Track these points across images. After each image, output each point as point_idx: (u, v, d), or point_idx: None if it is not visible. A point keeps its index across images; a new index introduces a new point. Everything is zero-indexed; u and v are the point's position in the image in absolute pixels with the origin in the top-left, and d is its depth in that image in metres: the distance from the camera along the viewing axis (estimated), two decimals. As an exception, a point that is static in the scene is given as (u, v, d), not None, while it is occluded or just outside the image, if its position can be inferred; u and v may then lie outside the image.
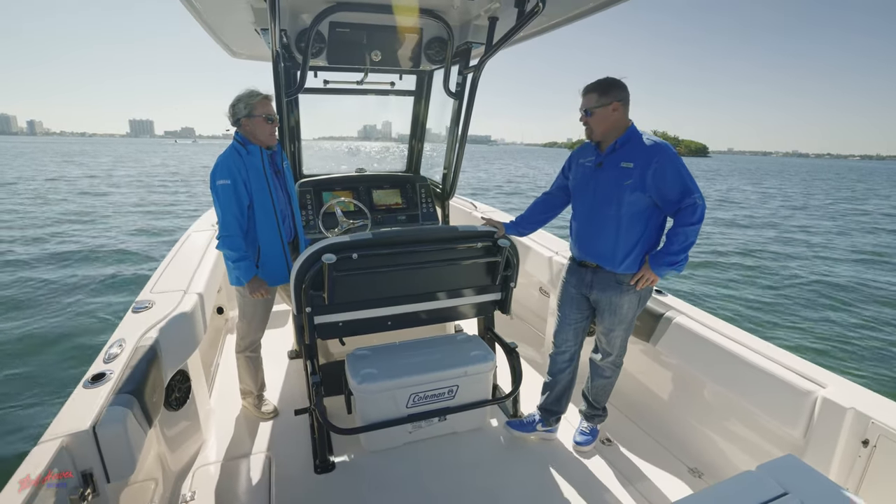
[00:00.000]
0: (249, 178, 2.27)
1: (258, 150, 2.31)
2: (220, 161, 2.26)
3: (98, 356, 1.90)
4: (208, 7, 2.28)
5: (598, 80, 2.06)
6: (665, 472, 2.31)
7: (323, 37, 2.58)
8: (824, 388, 1.85)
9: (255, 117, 2.25)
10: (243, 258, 2.30)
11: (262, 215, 2.33)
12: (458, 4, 2.40)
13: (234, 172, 2.23)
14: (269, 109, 2.29)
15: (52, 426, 1.51)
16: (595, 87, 2.05)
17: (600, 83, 2.04)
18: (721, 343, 2.21)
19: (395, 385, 2.28)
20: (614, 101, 2.02)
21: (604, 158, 2.12)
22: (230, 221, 2.25)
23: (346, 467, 2.30)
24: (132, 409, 1.64)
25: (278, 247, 2.41)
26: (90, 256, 9.45)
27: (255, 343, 2.63)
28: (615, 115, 2.04)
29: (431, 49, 2.82)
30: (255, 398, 2.70)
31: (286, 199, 2.49)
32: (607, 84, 2.03)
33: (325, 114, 3.57)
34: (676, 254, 2.03)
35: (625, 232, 2.10)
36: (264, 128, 2.28)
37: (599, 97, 2.03)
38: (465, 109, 3.02)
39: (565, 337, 2.42)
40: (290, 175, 2.54)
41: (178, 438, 2.27)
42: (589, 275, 2.26)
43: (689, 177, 1.98)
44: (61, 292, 7.18)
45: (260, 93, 2.26)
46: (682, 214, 1.99)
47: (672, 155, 1.98)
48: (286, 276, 2.44)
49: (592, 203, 2.19)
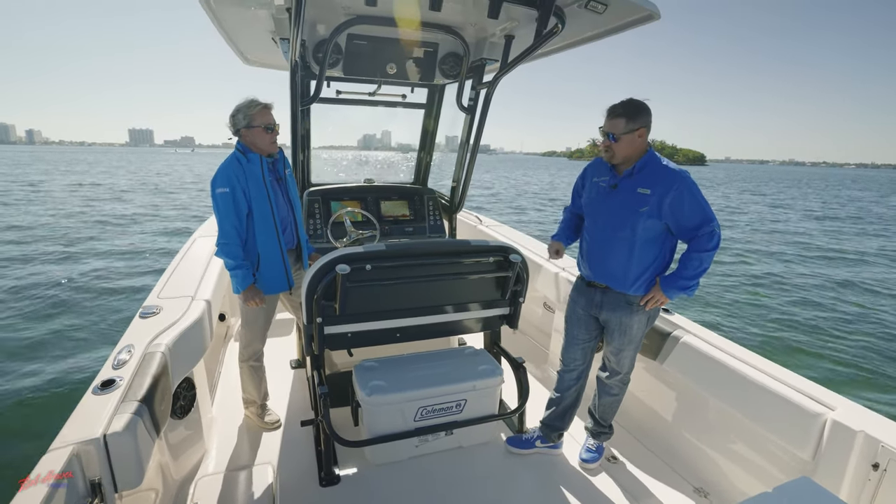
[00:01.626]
0: (249, 186, 2.27)
1: (258, 159, 2.31)
2: (221, 169, 2.26)
3: (106, 362, 1.87)
4: (229, 14, 2.30)
5: (625, 103, 1.98)
6: (671, 491, 2.29)
7: (340, 48, 2.60)
8: (833, 411, 1.85)
9: (255, 127, 2.26)
10: (240, 266, 2.29)
11: (261, 223, 2.33)
12: (475, 22, 2.44)
13: (234, 181, 2.24)
14: (268, 119, 2.28)
15: (62, 433, 1.48)
16: (623, 111, 1.97)
17: (629, 108, 1.97)
18: (729, 363, 2.21)
19: (404, 398, 2.26)
20: (641, 128, 1.97)
21: (619, 181, 2.09)
22: (228, 229, 2.25)
23: (352, 480, 2.26)
24: (142, 417, 1.61)
25: (277, 255, 2.40)
26: (95, 261, 9.41)
27: (259, 352, 2.61)
28: (640, 140, 2.00)
29: (446, 64, 2.86)
30: (259, 408, 2.66)
31: (288, 207, 2.48)
32: (636, 109, 1.96)
33: (333, 124, 3.60)
34: (689, 279, 2.01)
35: (638, 255, 2.07)
36: (263, 137, 2.28)
37: (628, 123, 1.96)
38: (476, 124, 3.06)
39: (573, 356, 2.41)
40: (293, 183, 2.54)
41: (181, 447, 2.23)
42: (598, 295, 2.24)
43: (706, 205, 1.97)
44: (67, 296, 7.14)
45: (259, 102, 2.26)
46: (698, 241, 1.98)
47: (690, 183, 1.96)
48: (285, 284, 2.44)
49: (605, 225, 2.16)
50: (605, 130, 2.04)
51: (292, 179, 2.54)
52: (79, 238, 11.86)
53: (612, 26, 2.14)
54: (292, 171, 2.57)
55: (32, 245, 10.74)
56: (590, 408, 2.52)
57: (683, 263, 2.03)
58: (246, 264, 2.32)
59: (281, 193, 2.43)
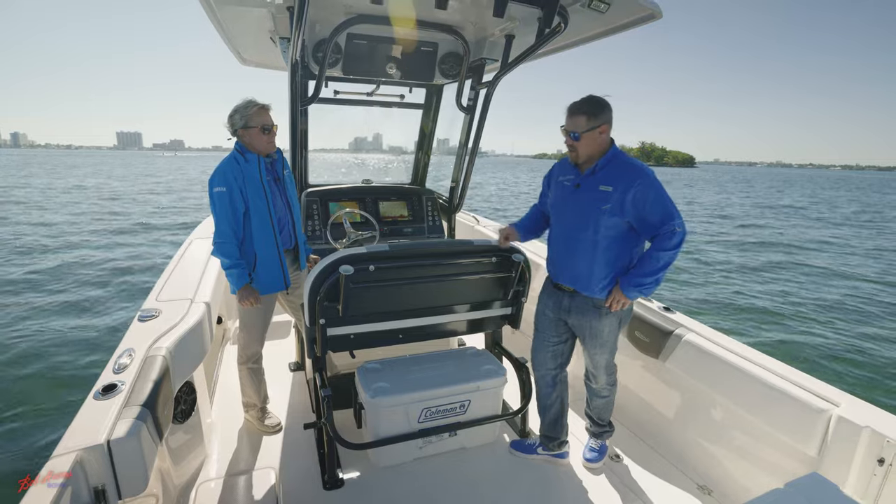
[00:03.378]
0: (246, 186, 2.27)
1: (256, 159, 2.31)
2: (218, 168, 2.27)
3: (107, 366, 1.84)
4: (228, 14, 2.27)
5: (586, 100, 1.96)
6: (675, 489, 2.30)
7: (340, 48, 2.59)
8: (838, 407, 1.86)
9: (252, 128, 2.25)
10: (236, 265, 2.29)
11: (258, 223, 2.32)
12: (475, 21, 2.43)
13: (230, 180, 2.24)
14: (265, 119, 2.27)
15: (65, 439, 1.44)
16: (584, 108, 1.95)
17: (590, 105, 1.95)
18: (731, 360, 2.22)
19: (408, 399, 2.25)
20: (603, 124, 1.95)
21: (582, 180, 2.06)
22: (224, 229, 2.26)
23: (355, 483, 2.24)
24: (145, 422, 1.58)
25: (274, 255, 2.39)
26: (89, 265, 9.26)
27: (257, 354, 2.58)
28: (602, 137, 1.97)
29: (446, 64, 2.85)
30: (259, 411, 2.63)
31: (285, 208, 2.47)
32: (597, 105, 1.94)
33: (328, 125, 3.58)
34: (644, 276, 1.97)
35: (601, 256, 2.04)
36: (261, 138, 2.28)
37: (589, 120, 1.94)
38: (476, 124, 3.05)
39: (542, 360, 2.37)
40: (291, 183, 2.53)
41: (181, 452, 2.19)
42: (566, 299, 2.21)
43: (670, 202, 1.94)
44: (61, 300, 7.02)
45: (256, 103, 2.26)
46: (659, 239, 1.94)
47: (653, 179, 1.94)
48: (281, 283, 2.43)
49: (569, 225, 2.13)
50: (567, 129, 2.01)
51: (291, 180, 2.53)
52: (73, 242, 11.69)
53: (614, 25, 2.14)
54: (290, 171, 2.55)
55: (24, 248, 10.57)
56: (586, 410, 2.50)
57: (641, 261, 2.01)
58: (241, 263, 2.31)
59: (279, 193, 2.43)
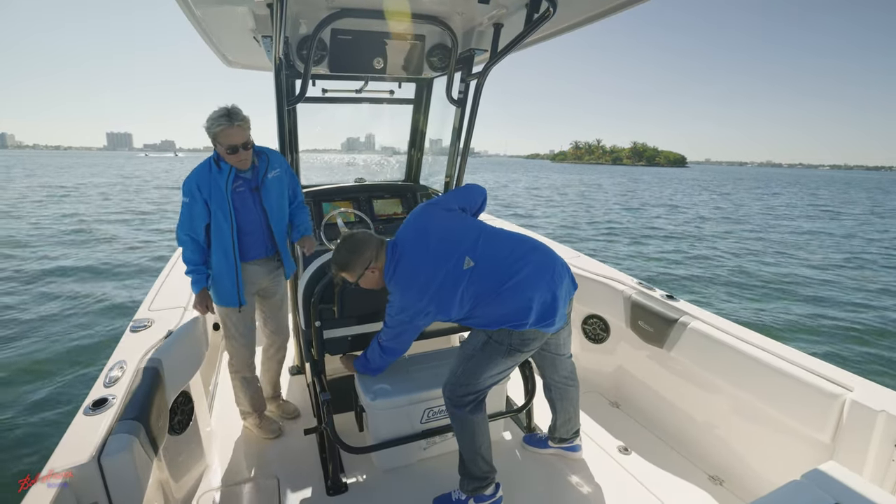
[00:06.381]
0: (211, 193, 2.18)
1: (228, 169, 2.19)
2: (190, 175, 2.21)
3: (98, 380, 1.79)
4: (208, 14, 2.21)
5: (338, 253, 1.95)
6: (684, 481, 2.26)
7: (325, 44, 2.52)
8: (852, 392, 1.81)
9: (219, 145, 2.12)
10: (192, 271, 2.26)
11: (216, 236, 2.24)
12: (462, 11, 2.37)
13: (195, 191, 2.17)
14: (231, 140, 2.08)
15: (53, 458, 1.40)
16: (340, 264, 1.94)
17: (343, 257, 1.94)
18: (738, 347, 2.18)
19: (409, 400, 2.21)
20: (370, 264, 1.92)
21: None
22: (181, 236, 2.24)
23: (359, 487, 2.20)
24: (138, 436, 1.54)
25: (230, 269, 2.27)
26: (79, 273, 9.07)
27: (247, 362, 2.50)
28: (375, 275, 1.95)
29: (434, 56, 2.78)
30: (256, 418, 2.58)
31: (260, 216, 2.31)
32: (351, 254, 1.92)
33: (318, 124, 3.51)
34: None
35: None
36: (229, 158, 2.14)
37: (353, 272, 1.93)
38: (468, 117, 2.99)
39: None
40: (276, 187, 2.34)
41: (181, 464, 2.15)
42: None
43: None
44: (51, 312, 6.82)
45: (224, 120, 2.06)
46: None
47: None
48: (234, 300, 2.30)
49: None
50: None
51: (277, 183, 2.35)
52: (56, 252, 11.51)
53: (606, 7, 2.06)
54: (280, 174, 2.38)
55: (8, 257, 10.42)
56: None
57: None
58: (200, 269, 2.27)
59: (252, 203, 2.28)
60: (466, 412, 1.98)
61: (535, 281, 1.83)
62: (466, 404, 1.99)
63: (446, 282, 1.83)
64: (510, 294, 1.80)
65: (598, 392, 3.02)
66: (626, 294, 2.80)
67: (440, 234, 1.91)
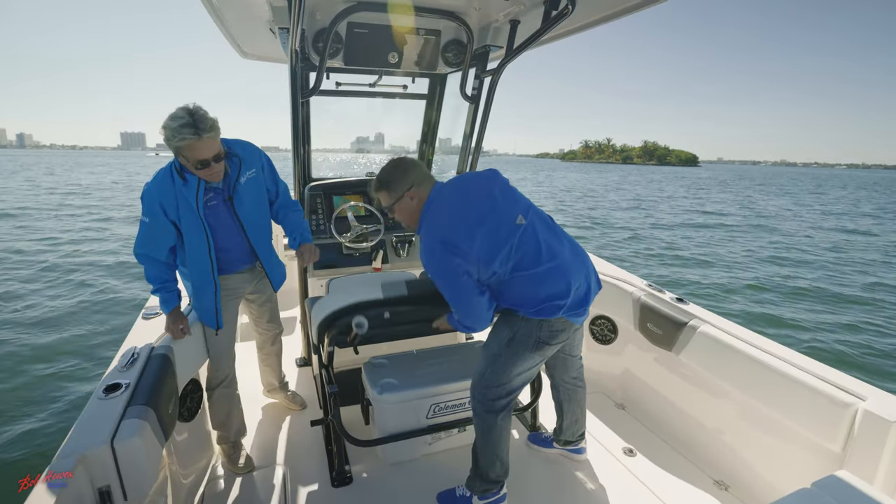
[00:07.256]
0: (180, 212, 1.91)
1: (196, 182, 1.91)
2: (147, 190, 1.91)
3: (111, 365, 1.81)
4: (225, 5, 2.22)
5: (380, 175, 1.88)
6: (690, 485, 2.24)
7: (340, 37, 2.53)
8: (864, 401, 1.78)
9: (185, 160, 1.84)
10: (161, 289, 2.02)
11: (191, 255, 1.99)
12: (479, 6, 2.37)
13: (157, 208, 1.88)
14: (201, 154, 1.79)
15: (68, 441, 1.42)
16: (378, 185, 1.87)
17: (384, 178, 1.86)
18: (748, 352, 2.15)
19: (416, 395, 2.22)
20: (406, 192, 1.83)
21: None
22: (141, 255, 1.99)
23: (364, 480, 2.22)
24: (149, 421, 1.56)
25: (209, 288, 2.08)
26: (90, 266, 9.30)
27: (224, 376, 2.27)
28: (413, 202, 1.85)
29: (449, 52, 2.77)
30: (230, 446, 2.29)
31: (236, 229, 2.10)
32: (391, 174, 1.85)
33: (331, 119, 3.51)
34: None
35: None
36: (198, 172, 1.87)
37: (390, 195, 1.86)
38: (481, 114, 2.99)
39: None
40: (252, 192, 2.11)
41: (189, 451, 2.17)
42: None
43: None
44: (65, 302, 7.02)
45: (188, 131, 1.72)
46: None
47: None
48: (213, 321, 2.15)
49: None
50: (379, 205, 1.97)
51: (252, 186, 2.11)
52: (76, 239, 11.74)
53: (625, 6, 2.04)
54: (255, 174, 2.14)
55: (25, 249, 10.62)
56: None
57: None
58: (167, 287, 2.03)
59: (227, 215, 2.05)
60: (498, 419, 1.90)
61: (575, 268, 1.78)
62: (500, 409, 1.90)
63: (501, 228, 1.70)
64: (549, 275, 1.72)
65: (605, 393, 3.00)
66: (636, 296, 2.77)
67: (499, 187, 1.83)
